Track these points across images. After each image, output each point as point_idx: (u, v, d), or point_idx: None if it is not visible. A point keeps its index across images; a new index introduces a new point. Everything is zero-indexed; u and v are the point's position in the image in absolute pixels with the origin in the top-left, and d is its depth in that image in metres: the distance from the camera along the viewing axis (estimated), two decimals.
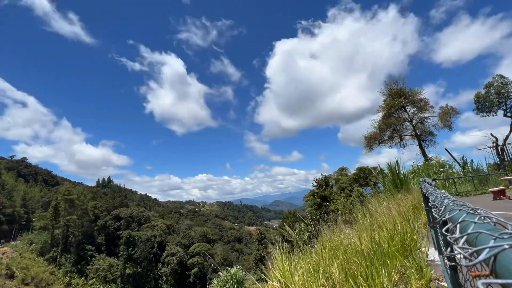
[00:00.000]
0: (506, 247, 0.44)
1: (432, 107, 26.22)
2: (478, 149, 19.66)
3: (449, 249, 1.27)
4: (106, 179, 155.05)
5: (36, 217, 68.18)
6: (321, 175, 34.07)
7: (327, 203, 16.51)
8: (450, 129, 25.29)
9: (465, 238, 0.66)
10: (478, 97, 22.16)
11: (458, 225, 0.81)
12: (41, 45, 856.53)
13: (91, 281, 58.27)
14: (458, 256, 1.05)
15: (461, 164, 17.66)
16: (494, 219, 0.72)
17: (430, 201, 2.19)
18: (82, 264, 60.63)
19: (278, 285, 4.42)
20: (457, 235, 0.75)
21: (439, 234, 2.53)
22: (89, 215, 69.26)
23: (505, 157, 18.15)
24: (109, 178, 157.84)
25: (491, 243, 0.48)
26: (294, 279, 4.22)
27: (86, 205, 69.10)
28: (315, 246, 6.77)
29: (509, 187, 11.96)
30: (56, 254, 58.89)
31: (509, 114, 20.96)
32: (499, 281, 0.40)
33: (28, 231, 68.37)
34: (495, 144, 19.54)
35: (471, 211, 0.89)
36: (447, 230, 0.93)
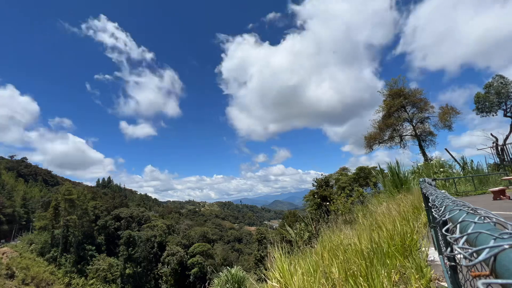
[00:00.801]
0: (506, 247, 0.44)
1: (432, 107, 26.28)
2: (478, 149, 19.70)
3: (449, 249, 1.27)
4: (106, 179, 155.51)
5: (36, 217, 68.37)
6: (321, 175, 34.10)
7: (327, 203, 16.49)
8: (450, 129, 25.33)
9: (465, 238, 0.66)
10: (478, 97, 22.18)
11: (458, 225, 0.81)
12: None
13: (91, 281, 58.34)
14: (458, 256, 1.05)
15: (461, 164, 17.66)
16: (494, 219, 0.72)
17: (430, 201, 2.19)
18: (82, 264, 60.70)
19: (278, 285, 4.41)
20: (457, 235, 0.75)
21: (439, 234, 2.52)
22: (89, 215, 69.29)
23: (505, 157, 18.15)
24: (109, 178, 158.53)
25: (491, 243, 0.48)
26: (293, 279, 4.22)
27: (86, 205, 69.17)
28: (315, 246, 6.77)
29: (509, 187, 11.96)
30: (56, 254, 58.93)
31: (509, 114, 20.99)
32: (499, 281, 0.40)
33: (28, 231, 68.51)
34: (495, 144, 19.54)
35: (471, 211, 0.89)
36: (447, 230, 0.93)
